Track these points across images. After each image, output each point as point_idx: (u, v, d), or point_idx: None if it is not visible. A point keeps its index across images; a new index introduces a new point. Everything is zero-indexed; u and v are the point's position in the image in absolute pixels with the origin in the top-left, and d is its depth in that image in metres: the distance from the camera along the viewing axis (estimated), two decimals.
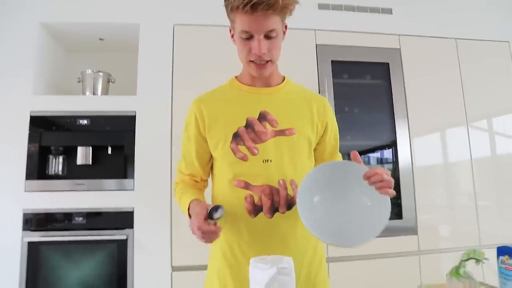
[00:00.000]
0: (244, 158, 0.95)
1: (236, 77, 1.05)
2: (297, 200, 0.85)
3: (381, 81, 2.10)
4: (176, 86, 1.87)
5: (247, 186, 0.95)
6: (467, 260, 0.90)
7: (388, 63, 2.07)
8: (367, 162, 2.14)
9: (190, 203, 0.95)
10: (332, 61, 2.01)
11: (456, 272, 0.90)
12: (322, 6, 2.08)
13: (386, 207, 0.81)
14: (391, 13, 2.15)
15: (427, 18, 2.18)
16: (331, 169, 0.88)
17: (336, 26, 2.06)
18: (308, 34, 2.01)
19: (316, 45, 2.01)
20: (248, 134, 0.96)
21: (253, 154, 0.95)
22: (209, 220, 0.86)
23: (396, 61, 2.08)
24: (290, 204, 0.94)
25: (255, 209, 0.95)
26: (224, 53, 1.88)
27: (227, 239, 0.96)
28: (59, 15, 1.91)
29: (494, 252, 0.94)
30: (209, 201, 1.02)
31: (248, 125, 0.96)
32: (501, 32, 2.24)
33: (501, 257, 0.94)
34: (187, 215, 0.95)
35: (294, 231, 0.95)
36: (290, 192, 0.94)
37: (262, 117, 0.97)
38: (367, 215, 0.84)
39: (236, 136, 0.96)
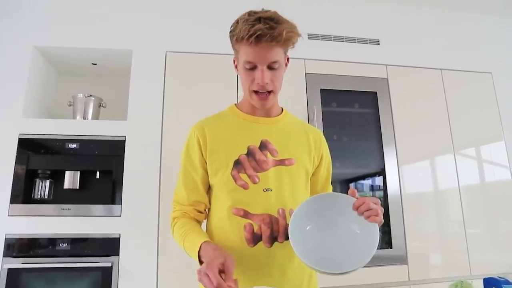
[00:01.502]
0: (245, 186, 0.97)
1: (235, 104, 1.10)
2: (289, 229, 0.87)
3: (369, 110, 2.20)
4: (167, 112, 1.94)
5: (246, 214, 0.97)
6: None
7: (376, 92, 2.19)
8: (359, 189, 2.20)
9: (202, 244, 0.88)
10: (321, 89, 2.12)
11: None
12: (311, 36, 2.21)
13: (375, 235, 0.85)
14: (379, 44, 2.29)
15: (414, 49, 2.33)
16: (322, 200, 0.93)
17: (325, 55, 2.18)
18: (298, 63, 2.12)
19: (306, 73, 2.13)
20: (250, 162, 0.99)
21: (254, 182, 0.98)
22: None
23: (384, 90, 2.20)
24: (288, 233, 0.97)
25: (254, 238, 0.96)
26: (215, 80, 1.99)
27: None
28: (53, 39, 2.00)
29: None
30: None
31: (250, 153, 0.99)
32: (484, 63, 2.39)
33: None
34: (197, 259, 0.89)
35: (291, 261, 0.97)
36: (288, 221, 0.96)
37: (263, 146, 1.01)
38: (356, 242, 0.87)
39: (238, 164, 0.98)
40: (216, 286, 0.74)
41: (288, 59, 1.03)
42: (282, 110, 1.11)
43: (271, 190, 0.97)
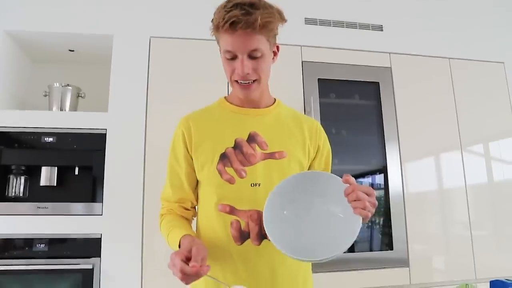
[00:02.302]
0: (231, 181, 1.02)
1: (225, 97, 1.16)
2: (264, 214, 0.92)
3: (370, 102, 2.29)
4: (151, 103, 2.01)
5: (232, 211, 1.02)
6: None
7: (378, 83, 2.27)
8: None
9: (181, 238, 0.96)
10: (318, 79, 2.19)
11: None
12: (309, 21, 2.28)
13: (358, 219, 0.87)
14: (382, 30, 2.36)
15: (420, 36, 2.40)
16: (302, 179, 0.96)
17: (324, 42, 2.25)
18: (293, 50, 2.19)
19: (302, 62, 2.20)
20: (236, 156, 1.03)
21: (241, 177, 1.03)
22: None
23: (387, 81, 2.28)
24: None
25: (242, 236, 1.01)
26: (202, 67, 2.05)
27: (211, 268, 1.03)
28: (26, 23, 2.05)
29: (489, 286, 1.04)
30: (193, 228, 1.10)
31: (237, 146, 1.04)
32: (496, 53, 2.48)
33: None
34: None
35: (284, 259, 1.00)
36: None
37: (252, 139, 1.06)
38: (339, 226, 0.90)
39: (224, 157, 1.04)
40: (179, 270, 0.84)
41: (278, 47, 1.08)
42: (275, 101, 1.16)
43: (259, 185, 1.02)
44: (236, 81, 1.03)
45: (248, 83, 1.02)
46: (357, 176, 2.29)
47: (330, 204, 0.94)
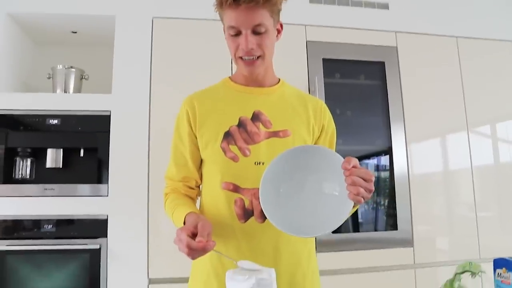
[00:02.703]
0: (234, 159, 1.03)
1: (229, 77, 1.16)
2: (260, 189, 0.92)
3: (376, 82, 2.27)
4: (155, 83, 2.01)
5: (236, 189, 1.03)
6: (462, 273, 0.97)
7: (383, 62, 2.24)
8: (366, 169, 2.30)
9: (186, 216, 0.96)
10: (323, 59, 2.17)
11: (450, 285, 0.96)
12: (313, 0, 2.24)
13: (350, 203, 0.87)
14: (388, 8, 2.31)
15: (426, 14, 2.35)
16: (296, 154, 0.94)
17: (328, 21, 2.22)
18: (298, 30, 2.17)
19: (307, 41, 2.17)
20: (240, 134, 1.04)
21: (245, 155, 1.03)
22: None
23: (393, 60, 2.25)
24: None
25: (246, 214, 1.02)
26: (206, 48, 2.04)
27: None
28: (28, 5, 2.04)
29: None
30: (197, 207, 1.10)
31: (241, 125, 1.05)
32: (504, 31, 2.42)
33: (498, 270, 1.01)
34: None
35: (287, 237, 1.01)
36: None
37: (256, 117, 1.06)
38: (333, 203, 0.90)
39: (228, 135, 1.04)
40: (185, 245, 0.84)
41: (281, 25, 1.08)
42: (279, 80, 1.17)
43: (262, 164, 1.03)
44: (241, 57, 1.03)
45: (252, 59, 1.02)
46: (361, 157, 2.29)
47: (325, 181, 0.94)
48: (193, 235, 0.88)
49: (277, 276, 0.84)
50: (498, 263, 1.02)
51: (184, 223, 0.96)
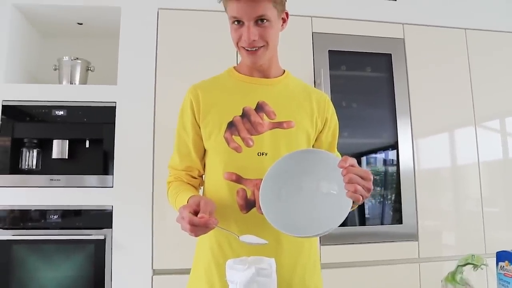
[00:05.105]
0: (238, 149, 1.03)
1: (234, 67, 1.15)
2: (260, 190, 0.93)
3: (382, 74, 2.22)
4: (160, 75, 1.98)
5: (238, 179, 1.03)
6: (464, 265, 0.96)
7: (390, 54, 2.19)
8: (371, 163, 2.27)
9: (189, 199, 0.97)
10: (329, 50, 2.13)
11: (452, 278, 0.96)
12: None
13: (348, 202, 0.87)
14: (395, 0, 2.25)
15: (434, 6, 2.29)
16: (301, 156, 0.96)
17: (335, 13, 2.17)
18: (304, 21, 2.12)
19: (313, 33, 2.13)
20: (244, 124, 1.04)
21: (248, 145, 1.03)
22: None
23: (399, 52, 2.20)
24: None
25: (247, 204, 1.02)
26: (212, 40, 2.01)
27: (216, 235, 1.03)
28: None
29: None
30: None
31: (244, 115, 1.04)
32: None
33: (500, 263, 1.00)
34: None
35: None
36: None
37: (260, 108, 1.05)
38: (333, 203, 0.90)
39: (231, 126, 1.04)
40: (187, 221, 0.85)
41: (287, 14, 1.06)
42: (284, 72, 1.15)
43: (266, 154, 1.03)
44: (243, 47, 1.02)
45: (255, 49, 1.01)
46: (367, 153, 2.25)
47: (324, 181, 0.93)
48: (196, 214, 0.87)
49: (278, 267, 0.83)
50: (501, 256, 1.00)
51: None
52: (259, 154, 1.03)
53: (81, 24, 2.25)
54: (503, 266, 1.00)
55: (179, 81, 1.85)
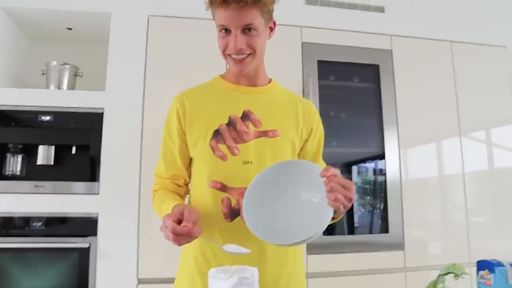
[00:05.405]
0: (223, 158, 1.02)
1: (221, 75, 1.14)
2: (243, 200, 0.93)
3: (370, 84, 2.25)
4: (149, 82, 1.97)
5: (223, 187, 1.02)
6: (445, 274, 0.95)
7: (378, 65, 2.22)
8: (362, 172, 2.29)
9: (173, 207, 0.95)
10: (318, 61, 2.15)
11: (433, 287, 0.94)
12: (309, 1, 2.21)
13: (329, 211, 0.87)
14: (384, 12, 2.30)
15: (422, 19, 2.33)
16: (284, 167, 0.97)
17: (324, 23, 2.19)
18: (293, 31, 2.14)
19: (302, 43, 2.15)
20: (230, 133, 1.03)
21: (233, 154, 1.03)
22: None
23: (387, 64, 2.23)
24: None
25: (232, 213, 1.02)
26: (201, 47, 2.01)
27: (200, 244, 1.03)
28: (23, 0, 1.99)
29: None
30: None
31: (230, 123, 1.04)
32: (499, 36, 2.41)
33: (480, 272, 1.02)
34: None
35: None
36: None
37: (246, 116, 1.05)
38: (314, 211, 0.90)
39: (217, 134, 1.03)
40: (170, 230, 0.84)
41: (274, 23, 1.06)
42: (271, 80, 1.15)
43: (251, 163, 1.02)
44: (230, 55, 1.01)
45: (242, 57, 1.01)
46: (354, 160, 2.26)
47: (305, 191, 0.94)
48: (179, 222, 0.87)
49: (262, 276, 0.82)
50: (481, 265, 1.03)
51: None
52: (245, 162, 1.03)
53: (71, 29, 2.24)
54: (483, 275, 1.02)
55: (168, 88, 1.84)
